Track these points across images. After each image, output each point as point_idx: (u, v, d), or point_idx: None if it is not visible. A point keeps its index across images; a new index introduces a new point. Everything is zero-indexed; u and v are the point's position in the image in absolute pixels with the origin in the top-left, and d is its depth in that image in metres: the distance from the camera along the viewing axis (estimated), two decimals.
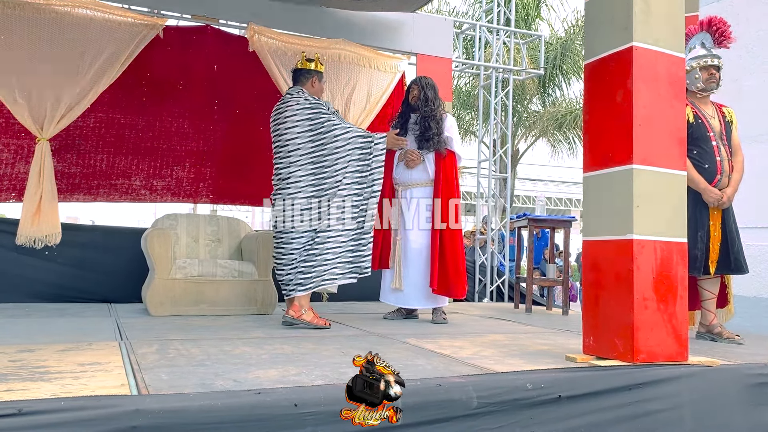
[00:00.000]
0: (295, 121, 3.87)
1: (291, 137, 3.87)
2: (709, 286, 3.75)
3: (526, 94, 14.22)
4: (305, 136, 3.86)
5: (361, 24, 6.14)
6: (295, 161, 3.85)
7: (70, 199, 5.33)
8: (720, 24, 3.74)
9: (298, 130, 3.86)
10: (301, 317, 3.81)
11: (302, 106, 3.90)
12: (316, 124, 3.88)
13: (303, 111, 3.89)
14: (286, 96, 4.04)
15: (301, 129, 3.86)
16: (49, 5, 4.81)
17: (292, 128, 3.87)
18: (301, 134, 3.86)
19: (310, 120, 3.88)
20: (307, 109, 3.90)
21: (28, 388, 1.94)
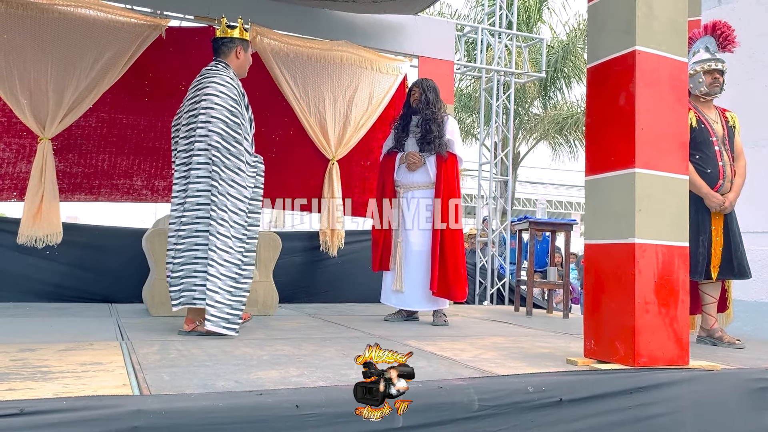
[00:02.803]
0: (214, 103, 3.35)
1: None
2: (710, 291, 3.74)
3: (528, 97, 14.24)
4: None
5: (363, 26, 6.15)
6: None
7: (72, 198, 5.33)
8: (724, 28, 3.74)
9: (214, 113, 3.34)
10: (196, 328, 3.38)
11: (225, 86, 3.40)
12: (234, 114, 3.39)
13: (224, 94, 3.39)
14: (206, 69, 3.56)
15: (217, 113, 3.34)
16: (53, 5, 4.82)
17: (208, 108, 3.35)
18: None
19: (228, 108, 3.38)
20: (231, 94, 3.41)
21: (29, 387, 1.94)
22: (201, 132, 3.34)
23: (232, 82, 3.46)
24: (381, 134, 6.07)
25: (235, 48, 3.59)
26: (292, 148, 5.94)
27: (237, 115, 3.39)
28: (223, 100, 3.37)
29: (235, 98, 3.42)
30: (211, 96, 3.37)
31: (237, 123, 3.39)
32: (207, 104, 3.36)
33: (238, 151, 3.37)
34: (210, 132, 3.32)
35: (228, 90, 3.41)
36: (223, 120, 3.34)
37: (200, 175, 3.33)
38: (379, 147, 5.92)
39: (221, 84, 3.42)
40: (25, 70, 4.76)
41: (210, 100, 3.36)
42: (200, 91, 3.43)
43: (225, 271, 3.29)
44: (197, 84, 3.50)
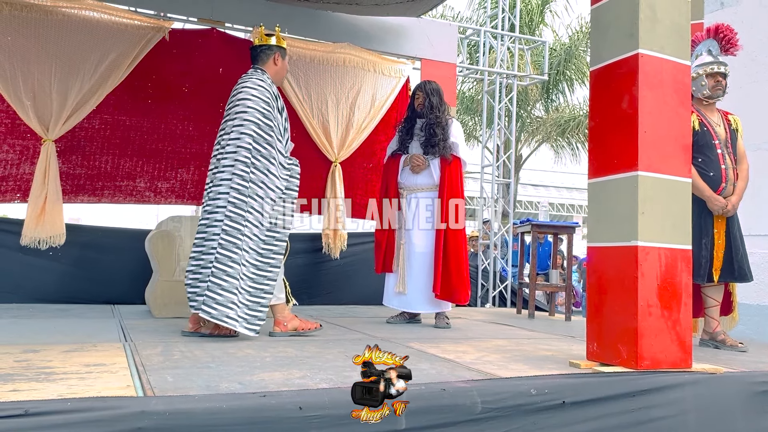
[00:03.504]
0: (247, 107, 3.41)
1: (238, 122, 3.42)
2: (713, 294, 3.75)
3: (530, 99, 14.24)
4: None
5: (366, 29, 6.15)
6: None
7: (75, 200, 5.34)
8: (727, 31, 3.75)
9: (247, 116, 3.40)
10: (200, 329, 3.41)
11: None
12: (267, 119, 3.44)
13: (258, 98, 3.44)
14: (244, 75, 3.63)
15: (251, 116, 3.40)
16: (56, 7, 4.84)
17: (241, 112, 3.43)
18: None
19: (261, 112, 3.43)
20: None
21: (34, 388, 1.95)
22: (233, 135, 3.39)
23: (264, 85, 3.48)
24: (383, 136, 6.08)
25: (272, 55, 3.65)
26: (295, 150, 5.89)
27: (269, 117, 3.43)
28: (255, 103, 3.41)
29: (268, 101, 3.45)
30: (244, 99, 3.43)
31: (269, 125, 3.42)
32: (240, 108, 3.42)
33: (269, 153, 3.40)
34: (242, 134, 3.37)
35: (260, 93, 3.45)
36: (255, 122, 3.38)
37: (223, 178, 3.37)
38: (381, 149, 5.93)
39: (253, 87, 3.47)
40: (28, 71, 4.77)
41: (243, 103, 3.42)
42: (235, 97, 3.51)
43: (246, 271, 3.31)
44: (233, 92, 3.56)
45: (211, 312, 3.20)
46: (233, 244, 3.28)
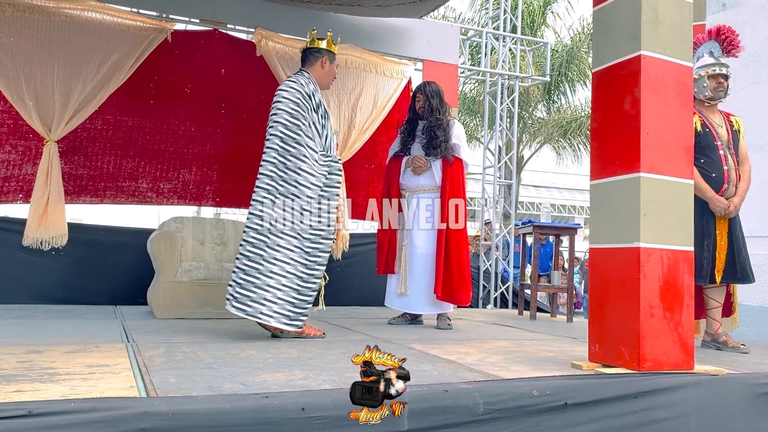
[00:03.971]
0: (278, 108, 3.46)
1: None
2: (715, 295, 3.74)
3: (531, 100, 14.24)
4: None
5: (368, 30, 6.16)
6: None
7: (77, 200, 5.36)
8: (729, 33, 3.75)
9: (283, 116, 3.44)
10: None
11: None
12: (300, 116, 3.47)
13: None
14: (290, 76, 3.68)
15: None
16: (59, 8, 4.84)
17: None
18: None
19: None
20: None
21: (37, 389, 1.95)
22: (267, 136, 3.47)
23: (295, 85, 3.50)
24: (385, 138, 6.09)
25: (321, 58, 3.70)
26: None
27: (297, 116, 3.44)
28: (284, 104, 3.45)
29: (298, 100, 3.47)
30: (276, 102, 3.49)
31: (296, 125, 3.43)
32: (272, 110, 3.49)
33: (298, 152, 3.41)
34: (270, 135, 3.44)
35: (290, 94, 3.48)
36: (282, 123, 3.42)
37: (260, 180, 3.44)
38: (383, 151, 5.94)
39: (285, 89, 3.52)
40: (31, 72, 4.78)
41: (275, 106, 3.48)
42: (275, 97, 3.54)
43: (293, 269, 3.35)
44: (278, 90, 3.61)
45: (245, 309, 3.27)
46: (263, 243, 3.33)
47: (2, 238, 5.02)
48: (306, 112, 3.48)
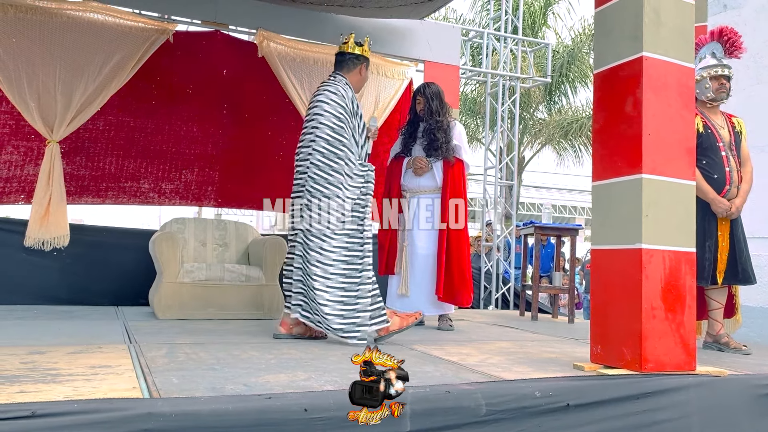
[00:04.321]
0: (324, 110, 3.46)
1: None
2: (717, 296, 3.74)
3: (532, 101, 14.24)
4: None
5: (369, 31, 6.15)
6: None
7: (79, 201, 5.36)
8: (731, 34, 3.75)
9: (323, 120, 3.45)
10: (291, 331, 3.52)
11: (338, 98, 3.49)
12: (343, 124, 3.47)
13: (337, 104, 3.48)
14: (327, 79, 3.67)
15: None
16: (61, 9, 4.85)
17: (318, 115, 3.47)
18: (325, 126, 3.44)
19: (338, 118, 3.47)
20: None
21: (40, 390, 1.96)
22: (310, 137, 3.47)
23: (336, 97, 3.50)
24: (387, 138, 6.09)
25: (360, 65, 3.72)
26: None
27: (344, 121, 3.45)
28: (332, 107, 3.46)
29: (340, 115, 3.47)
30: (322, 103, 3.49)
31: (339, 140, 3.44)
32: (318, 110, 3.48)
33: (345, 155, 3.42)
34: (317, 137, 3.43)
35: (338, 98, 3.50)
36: (330, 126, 3.42)
37: (302, 183, 3.46)
38: (384, 152, 5.93)
39: (333, 92, 3.52)
40: (33, 73, 4.78)
41: (320, 106, 3.48)
42: (314, 100, 3.56)
43: (331, 283, 3.33)
44: (314, 93, 3.63)
45: (308, 317, 3.35)
46: (318, 253, 3.35)
47: (4, 238, 5.02)
48: (347, 124, 3.48)
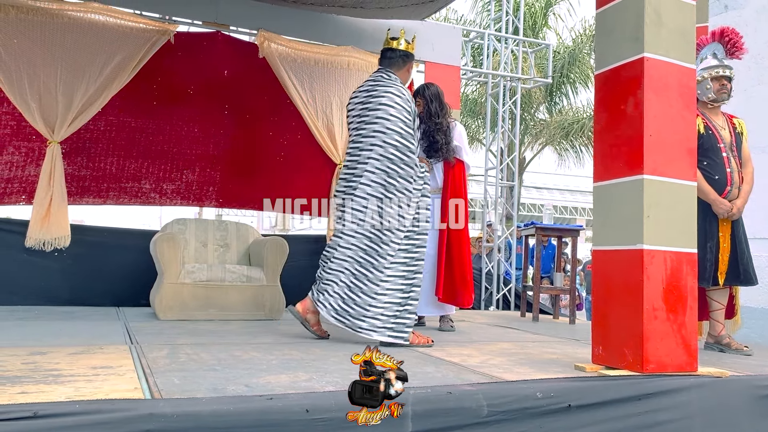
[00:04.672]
0: (390, 114, 3.38)
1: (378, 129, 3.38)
2: (718, 297, 3.74)
3: (533, 102, 14.24)
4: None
5: (370, 31, 6.16)
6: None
7: (80, 202, 5.36)
8: (732, 35, 3.75)
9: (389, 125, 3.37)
10: (306, 316, 3.49)
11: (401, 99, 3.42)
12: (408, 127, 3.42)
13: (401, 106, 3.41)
14: (379, 77, 3.54)
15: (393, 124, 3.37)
16: (63, 10, 4.86)
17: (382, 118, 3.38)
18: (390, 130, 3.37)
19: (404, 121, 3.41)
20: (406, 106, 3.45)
21: (42, 390, 1.96)
22: (372, 141, 3.38)
23: (401, 101, 3.45)
24: None
25: (408, 63, 3.66)
26: (300, 153, 5.97)
27: (407, 137, 3.41)
28: (398, 111, 3.40)
29: (406, 120, 3.44)
30: (386, 107, 3.40)
31: (411, 134, 3.42)
32: (382, 113, 3.39)
33: (411, 160, 3.40)
34: (384, 143, 3.35)
35: (403, 101, 3.45)
36: (398, 131, 3.37)
37: (362, 183, 3.38)
38: None
39: (397, 95, 3.45)
40: (34, 74, 4.79)
41: (385, 110, 3.39)
42: (375, 99, 3.44)
43: (390, 285, 3.33)
44: (370, 90, 3.50)
45: (344, 321, 3.32)
46: (370, 264, 3.33)
47: (5, 239, 5.02)
48: (412, 127, 3.46)
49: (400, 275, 3.36)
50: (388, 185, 3.35)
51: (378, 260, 3.33)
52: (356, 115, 3.52)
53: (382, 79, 3.52)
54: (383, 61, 3.63)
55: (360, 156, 3.44)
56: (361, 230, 3.36)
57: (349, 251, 3.39)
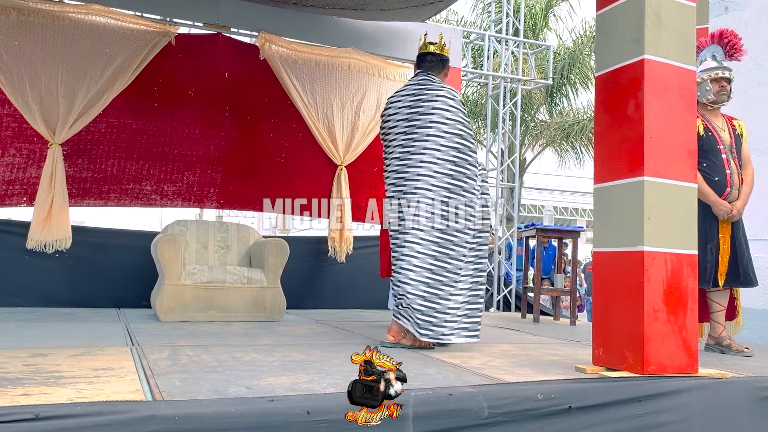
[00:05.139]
0: (446, 118, 3.37)
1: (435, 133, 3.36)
2: (718, 299, 3.74)
3: (534, 103, 14.23)
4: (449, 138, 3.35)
5: (371, 33, 6.17)
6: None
7: (81, 203, 5.37)
8: (731, 36, 3.75)
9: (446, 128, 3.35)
10: (401, 341, 3.39)
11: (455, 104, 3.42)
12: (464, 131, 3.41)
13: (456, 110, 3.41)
14: (424, 80, 3.50)
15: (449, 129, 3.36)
16: (64, 12, 4.87)
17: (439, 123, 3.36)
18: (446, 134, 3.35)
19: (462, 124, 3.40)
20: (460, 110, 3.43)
21: (44, 392, 1.96)
22: (428, 145, 3.33)
23: (456, 103, 3.44)
24: None
25: (447, 67, 3.65)
26: (301, 154, 5.97)
27: (467, 138, 3.41)
28: (455, 114, 3.39)
29: (465, 121, 3.44)
30: (442, 110, 3.38)
31: (470, 134, 3.43)
32: (437, 117, 3.37)
33: (475, 160, 3.42)
34: (443, 147, 3.32)
35: (457, 104, 3.43)
36: (459, 134, 3.37)
37: (429, 195, 3.33)
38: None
39: (451, 98, 3.43)
40: (36, 76, 4.80)
41: (440, 114, 3.37)
42: (427, 103, 3.40)
43: (464, 285, 3.35)
44: (417, 94, 3.46)
45: (428, 334, 3.23)
46: (443, 268, 3.29)
47: (6, 241, 5.03)
48: (470, 126, 3.48)
49: (470, 273, 3.39)
50: (453, 187, 3.31)
51: (451, 263, 3.29)
52: (403, 119, 3.44)
53: (430, 83, 3.48)
54: (423, 65, 3.60)
55: (411, 159, 3.36)
56: (427, 236, 3.29)
57: (416, 259, 3.29)
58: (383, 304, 4.71)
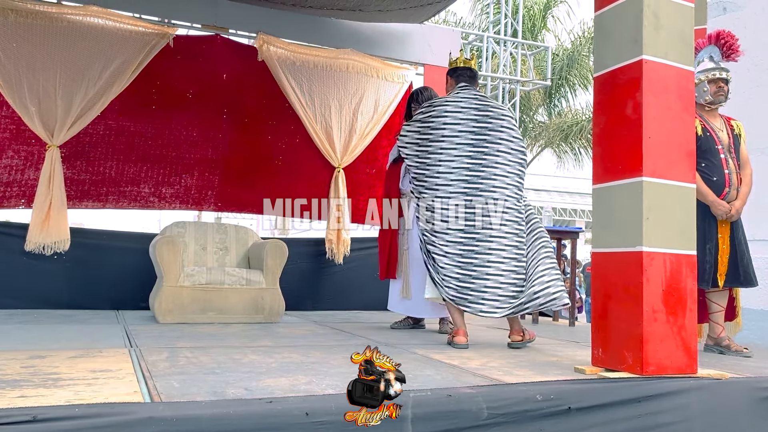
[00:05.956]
0: (512, 137, 3.76)
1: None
2: (718, 299, 3.74)
3: (532, 104, 14.26)
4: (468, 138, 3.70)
5: (369, 34, 6.18)
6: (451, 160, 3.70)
7: (79, 205, 5.37)
8: (728, 37, 3.76)
9: (504, 136, 3.73)
10: (524, 339, 3.67)
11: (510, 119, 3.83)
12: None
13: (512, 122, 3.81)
14: (482, 96, 3.87)
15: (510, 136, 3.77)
16: (62, 14, 4.87)
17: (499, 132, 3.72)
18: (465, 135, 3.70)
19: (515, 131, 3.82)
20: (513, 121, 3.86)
21: (41, 394, 1.96)
22: (501, 160, 3.69)
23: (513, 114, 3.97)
24: (386, 142, 6.10)
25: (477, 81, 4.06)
26: (299, 156, 5.97)
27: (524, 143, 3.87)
28: (517, 133, 3.83)
29: None
30: (510, 130, 3.77)
31: (523, 142, 3.86)
32: (506, 136, 3.74)
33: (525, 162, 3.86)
34: (518, 161, 3.77)
35: (515, 121, 3.88)
36: (522, 151, 3.82)
37: (508, 199, 3.71)
38: (384, 155, 5.95)
39: (513, 118, 3.91)
40: (34, 78, 4.80)
41: (509, 133, 3.76)
42: (494, 120, 3.72)
43: (505, 267, 3.66)
44: (482, 109, 3.75)
45: (517, 305, 3.60)
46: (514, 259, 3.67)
47: (4, 243, 5.03)
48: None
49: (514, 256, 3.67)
50: (519, 196, 3.76)
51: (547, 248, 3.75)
52: (468, 130, 3.70)
53: (488, 100, 3.87)
54: (470, 80, 3.95)
55: (484, 171, 3.67)
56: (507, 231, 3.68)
57: (504, 252, 3.65)
58: (381, 305, 4.70)
